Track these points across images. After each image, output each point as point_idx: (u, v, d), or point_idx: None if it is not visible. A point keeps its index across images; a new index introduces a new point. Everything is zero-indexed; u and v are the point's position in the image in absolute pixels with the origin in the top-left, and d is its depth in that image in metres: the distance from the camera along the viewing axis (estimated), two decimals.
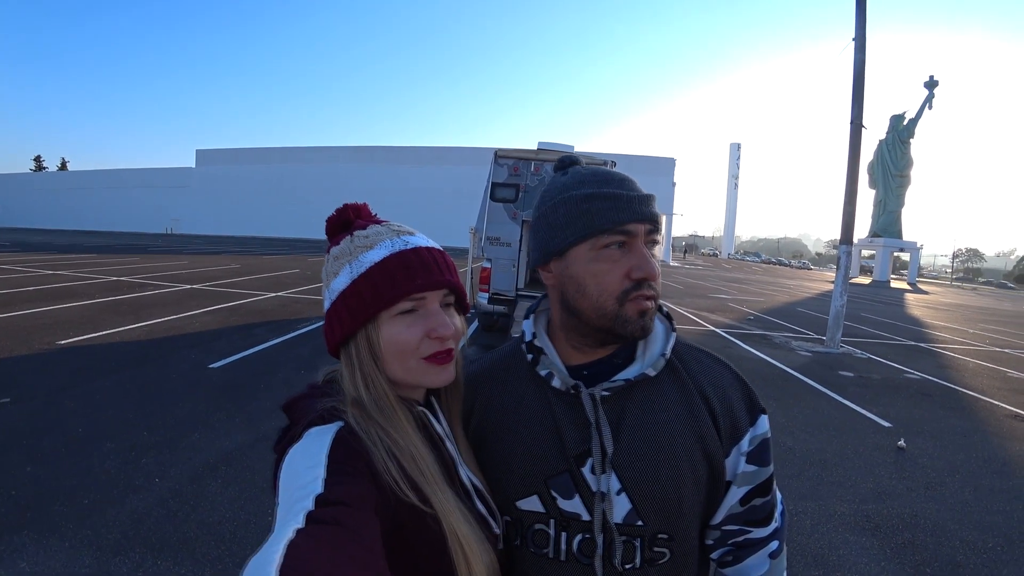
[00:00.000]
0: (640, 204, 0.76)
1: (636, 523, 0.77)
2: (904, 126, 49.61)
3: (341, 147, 63.16)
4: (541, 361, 0.84)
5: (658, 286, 0.78)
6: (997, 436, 5.49)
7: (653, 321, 0.79)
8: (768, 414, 0.85)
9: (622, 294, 0.75)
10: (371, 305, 0.69)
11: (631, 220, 0.75)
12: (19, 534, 2.77)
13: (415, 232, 0.78)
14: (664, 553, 0.78)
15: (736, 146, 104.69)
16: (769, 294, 22.29)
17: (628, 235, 0.75)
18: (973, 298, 35.19)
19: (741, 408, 0.83)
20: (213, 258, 22.44)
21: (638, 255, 0.75)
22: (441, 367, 0.72)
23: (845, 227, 10.12)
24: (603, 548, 0.76)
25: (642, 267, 0.75)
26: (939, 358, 9.92)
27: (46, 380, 5.22)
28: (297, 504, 0.53)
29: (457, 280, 0.76)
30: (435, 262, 0.73)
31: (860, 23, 10.03)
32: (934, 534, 3.41)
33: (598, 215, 0.76)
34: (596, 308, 0.77)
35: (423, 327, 0.70)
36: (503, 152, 7.37)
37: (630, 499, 0.77)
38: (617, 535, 0.76)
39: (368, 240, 0.74)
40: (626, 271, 0.75)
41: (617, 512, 0.77)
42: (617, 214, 0.75)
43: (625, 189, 0.77)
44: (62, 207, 68.04)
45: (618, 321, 0.76)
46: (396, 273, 0.70)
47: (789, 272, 58.24)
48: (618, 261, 0.76)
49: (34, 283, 11.78)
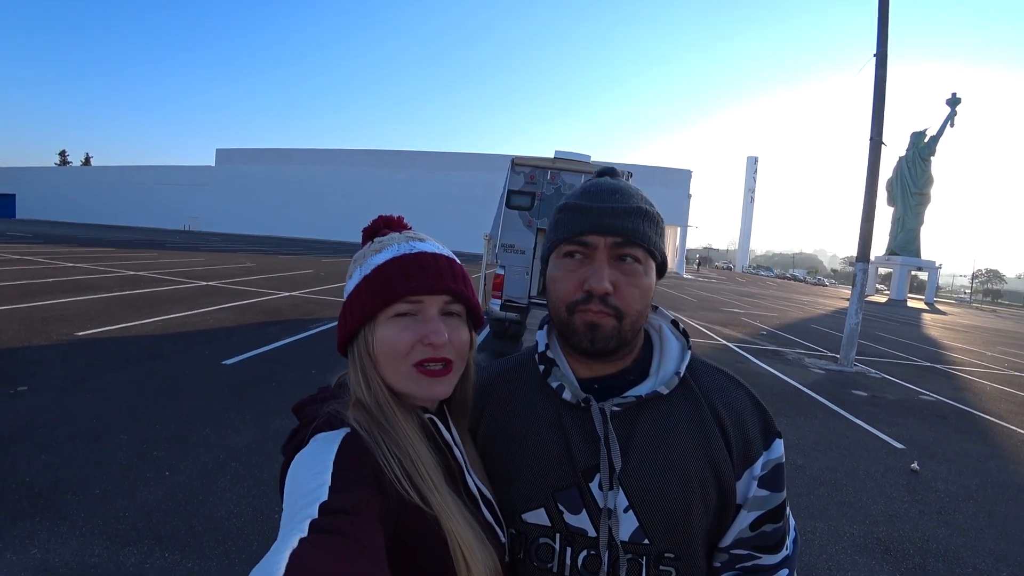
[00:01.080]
0: (602, 216, 0.75)
1: (643, 541, 0.76)
2: (925, 143, 48.92)
3: (359, 150, 63.75)
4: (553, 372, 0.83)
5: (623, 304, 0.75)
6: (1013, 462, 5.38)
7: (611, 340, 0.76)
8: (783, 439, 0.84)
9: (571, 304, 0.76)
10: (368, 305, 0.71)
11: (588, 231, 0.76)
12: (31, 521, 2.82)
13: (428, 239, 0.78)
14: (670, 572, 0.77)
15: (753, 160, 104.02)
16: (783, 309, 22.06)
17: (585, 246, 0.76)
18: (992, 320, 34.54)
19: (756, 431, 0.81)
20: (229, 256, 22.71)
21: (591, 268, 0.75)
22: (432, 379, 0.71)
23: (862, 244, 10.01)
24: (608, 565, 0.75)
25: (589, 280, 0.74)
26: (955, 380, 9.75)
27: (63, 370, 5.31)
28: (302, 512, 0.54)
29: (462, 289, 0.74)
30: (437, 267, 0.73)
31: (882, 39, 9.96)
32: (946, 560, 3.35)
33: (561, 225, 0.79)
34: (555, 314, 0.80)
35: (416, 332, 0.70)
36: (520, 160, 7.39)
37: (637, 517, 0.76)
38: (623, 553, 0.75)
39: (379, 245, 0.76)
40: (579, 281, 0.75)
41: (623, 530, 0.75)
42: (574, 224, 0.77)
43: (596, 201, 0.77)
44: (84, 201, 69.27)
45: (567, 329, 0.77)
46: (393, 276, 0.71)
47: (804, 288, 57.62)
48: (574, 271, 0.77)
49: (55, 275, 12.01)
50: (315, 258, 25.83)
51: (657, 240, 0.79)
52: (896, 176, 50.69)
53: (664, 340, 0.86)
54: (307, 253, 29.67)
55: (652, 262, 0.79)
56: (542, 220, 7.27)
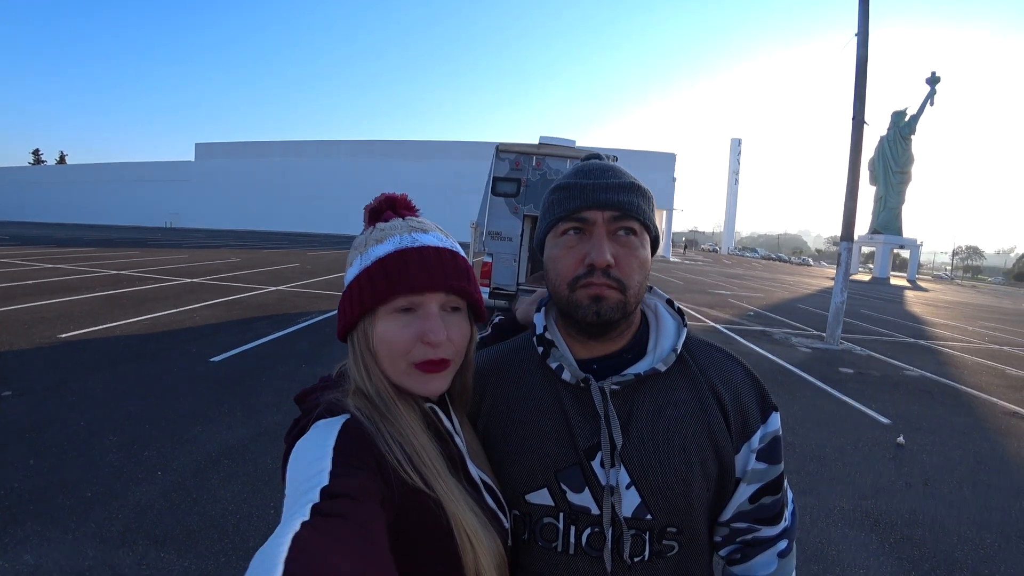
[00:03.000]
0: (599, 192, 0.76)
1: (645, 517, 0.77)
2: (905, 122, 49.40)
3: (341, 141, 63.07)
4: (551, 354, 0.84)
5: (624, 275, 0.76)
6: (996, 433, 5.51)
7: (616, 311, 0.76)
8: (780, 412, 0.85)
9: (573, 280, 0.77)
10: (368, 299, 0.70)
11: (585, 207, 0.76)
12: (22, 526, 2.79)
13: (430, 230, 0.76)
14: (673, 546, 0.79)
15: (737, 141, 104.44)
16: (769, 290, 22.29)
17: (583, 222, 0.77)
18: (973, 295, 35.20)
19: (752, 405, 0.83)
20: (213, 252, 22.43)
21: (591, 243, 0.76)
22: (429, 376, 0.71)
23: (846, 224, 10.11)
24: (612, 542, 0.77)
25: (591, 254, 0.75)
26: (938, 355, 9.94)
27: (47, 373, 5.23)
28: (303, 497, 0.54)
29: (465, 285, 0.73)
30: (440, 262, 0.72)
31: (863, 18, 10.00)
32: (932, 530, 3.43)
33: (557, 204, 0.79)
34: (556, 293, 0.80)
35: (417, 329, 0.70)
36: (505, 146, 7.36)
37: (639, 493, 0.77)
38: (626, 528, 0.76)
39: (381, 234, 0.74)
40: (580, 257, 0.76)
41: (626, 506, 0.77)
42: (571, 202, 0.77)
43: (591, 179, 0.78)
44: (61, 201, 67.94)
45: (570, 305, 0.78)
46: (393, 270, 0.70)
47: (789, 268, 58.25)
48: (573, 247, 0.77)
49: (34, 277, 11.79)
50: (300, 251, 25.60)
51: (651, 214, 0.80)
52: (878, 155, 51.18)
53: (660, 319, 0.88)
54: (292, 247, 29.39)
55: (647, 236, 0.80)
56: (528, 206, 7.26)
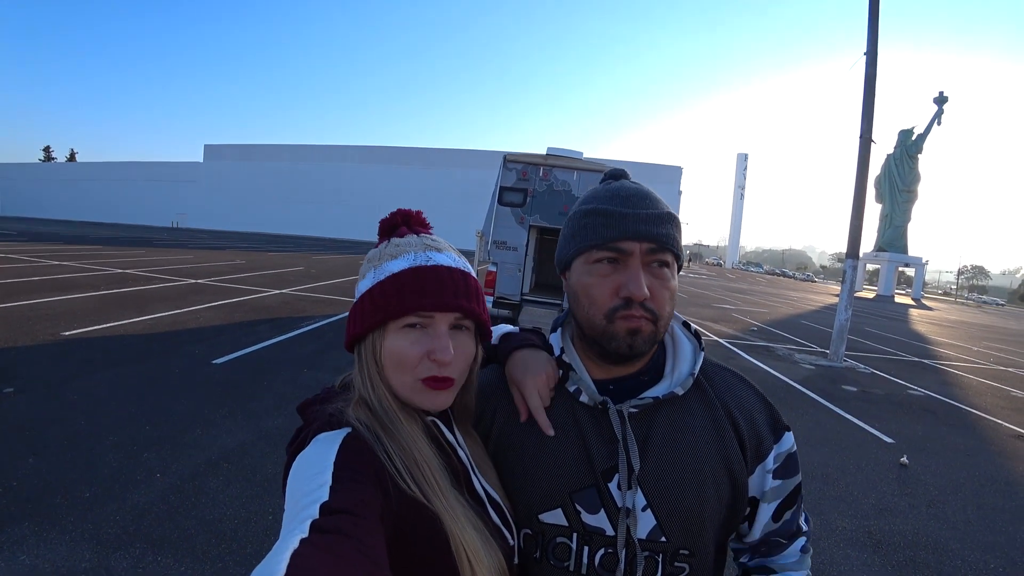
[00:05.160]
0: (637, 222, 0.76)
1: (660, 539, 0.78)
2: (912, 141, 49.47)
3: (350, 146, 63.46)
4: (570, 377, 0.84)
5: (658, 307, 0.76)
6: (1000, 456, 5.45)
7: (648, 343, 0.77)
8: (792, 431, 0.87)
9: (610, 311, 0.76)
10: (379, 314, 0.71)
11: (621, 238, 0.75)
12: (20, 526, 2.77)
13: (444, 249, 0.77)
14: (683, 568, 0.79)
15: (743, 156, 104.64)
16: (773, 305, 22.23)
17: (619, 252, 0.76)
18: (978, 315, 35.03)
19: (765, 427, 0.84)
20: (218, 253, 22.50)
21: (627, 274, 0.75)
22: (435, 392, 0.72)
23: (852, 241, 10.09)
24: (625, 564, 0.77)
25: (627, 286, 0.75)
26: (943, 375, 9.87)
27: (49, 371, 5.24)
28: (303, 512, 0.54)
29: (474, 306, 0.74)
30: (453, 283, 0.73)
31: (872, 37, 10.03)
32: (936, 552, 3.39)
33: (591, 230, 0.78)
34: (587, 321, 0.79)
35: (426, 347, 0.70)
36: (512, 156, 7.38)
37: (655, 516, 0.78)
38: (640, 551, 0.77)
39: (396, 250, 0.75)
40: (615, 288, 0.76)
41: (641, 528, 0.77)
42: (607, 231, 0.76)
43: (627, 207, 0.77)
44: (70, 198, 68.45)
45: (605, 336, 0.77)
46: (407, 288, 0.71)
47: (793, 284, 58.08)
48: (608, 276, 0.76)
49: (40, 273, 11.84)
50: (305, 255, 25.67)
51: (681, 243, 0.81)
52: (884, 173, 51.20)
53: (677, 341, 0.88)
54: (297, 250, 29.48)
55: (676, 265, 0.81)
56: (534, 217, 7.27)
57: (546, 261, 9.04)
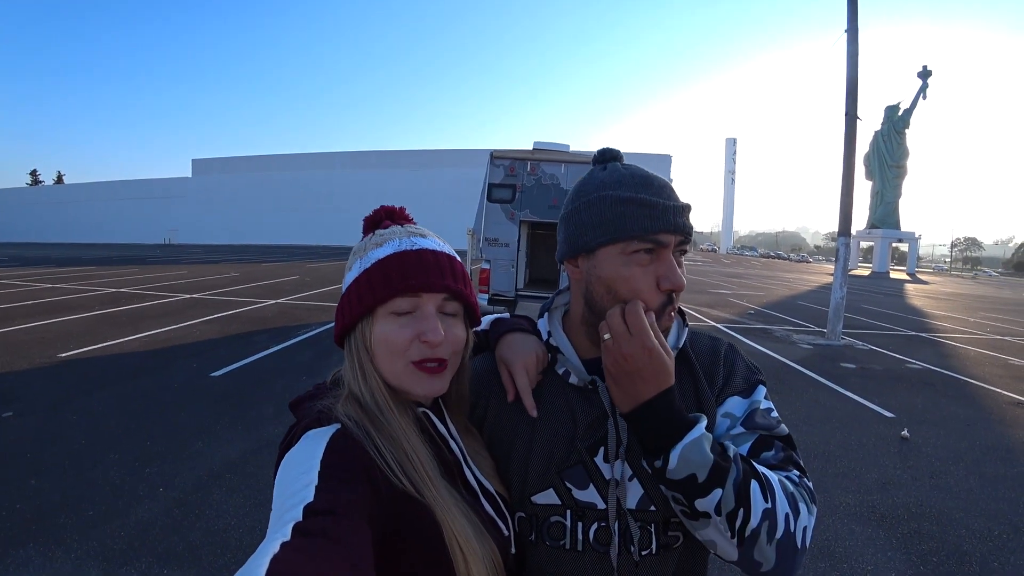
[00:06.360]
0: (675, 215, 0.76)
1: (649, 508, 0.78)
2: (899, 117, 49.61)
3: (337, 152, 63.28)
4: (558, 360, 0.86)
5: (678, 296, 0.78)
6: (1000, 424, 5.49)
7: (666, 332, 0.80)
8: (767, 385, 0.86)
9: (660, 307, 0.75)
10: (367, 300, 0.71)
11: (663, 230, 0.75)
12: (24, 547, 2.77)
13: (428, 235, 0.77)
14: (677, 537, 0.79)
15: (732, 141, 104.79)
16: (769, 288, 22.28)
17: (659, 244, 0.75)
18: (972, 287, 35.21)
19: (739, 379, 0.85)
20: (212, 267, 22.43)
21: (667, 265, 0.75)
22: (428, 376, 0.72)
23: (843, 219, 10.12)
24: (618, 535, 0.78)
25: (670, 278, 0.75)
26: (940, 347, 9.93)
27: (47, 393, 5.22)
28: (286, 514, 0.53)
29: (461, 287, 0.75)
30: (438, 265, 0.73)
31: (852, 14, 10.05)
32: (939, 523, 3.41)
33: (632, 220, 0.75)
34: None
35: (415, 329, 0.70)
36: (499, 153, 7.38)
37: (642, 484, 0.79)
38: (632, 521, 0.78)
39: (380, 238, 0.75)
40: (655, 280, 0.75)
41: (630, 498, 0.78)
42: (651, 222, 0.75)
43: (663, 197, 0.76)
44: (59, 221, 67.93)
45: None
46: (393, 271, 0.71)
47: (788, 265, 58.24)
48: (647, 267, 0.76)
49: (33, 297, 11.78)
50: (299, 264, 25.60)
51: None
52: (873, 150, 51.34)
53: None
54: (290, 260, 29.40)
55: None
56: (524, 212, 7.27)
57: (539, 256, 9.04)
